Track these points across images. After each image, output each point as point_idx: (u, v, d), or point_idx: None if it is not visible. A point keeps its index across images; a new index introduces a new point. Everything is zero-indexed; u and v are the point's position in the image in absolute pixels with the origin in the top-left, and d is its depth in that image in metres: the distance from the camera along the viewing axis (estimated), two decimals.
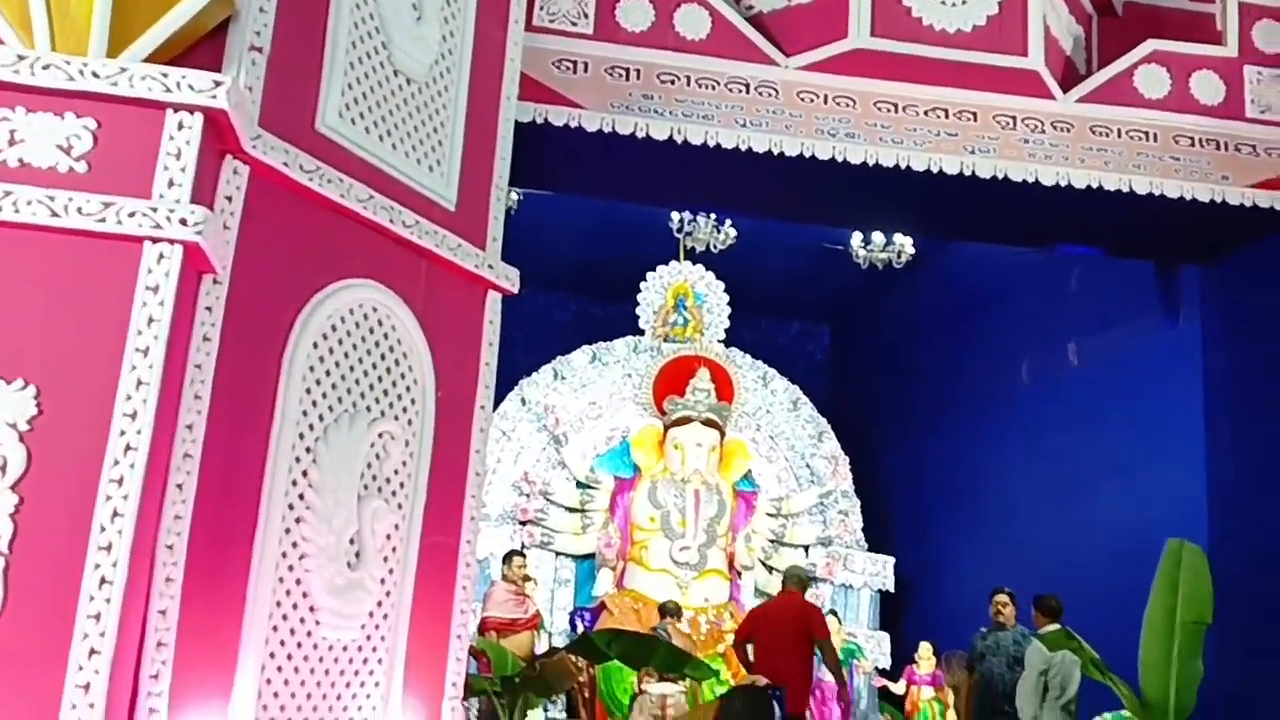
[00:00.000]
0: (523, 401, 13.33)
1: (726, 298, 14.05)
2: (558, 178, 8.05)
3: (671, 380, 13.22)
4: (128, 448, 3.93)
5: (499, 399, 13.25)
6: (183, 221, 4.08)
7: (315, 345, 4.92)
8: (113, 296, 4.03)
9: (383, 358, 5.28)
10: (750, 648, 8.63)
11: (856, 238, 13.02)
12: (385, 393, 5.29)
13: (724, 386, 13.28)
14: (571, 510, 12.96)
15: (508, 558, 9.38)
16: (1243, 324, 7.52)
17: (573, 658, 6.78)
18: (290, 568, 4.74)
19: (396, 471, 5.32)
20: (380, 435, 5.23)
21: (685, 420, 12.94)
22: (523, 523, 12.76)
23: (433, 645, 5.48)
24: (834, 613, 12.23)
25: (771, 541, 13.32)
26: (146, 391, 3.98)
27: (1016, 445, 11.70)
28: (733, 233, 13.09)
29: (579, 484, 13.04)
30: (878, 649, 12.98)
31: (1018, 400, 11.92)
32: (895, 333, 15.24)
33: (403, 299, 5.37)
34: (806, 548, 13.52)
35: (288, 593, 4.72)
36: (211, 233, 4.19)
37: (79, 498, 3.87)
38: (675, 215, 13.11)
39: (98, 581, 3.82)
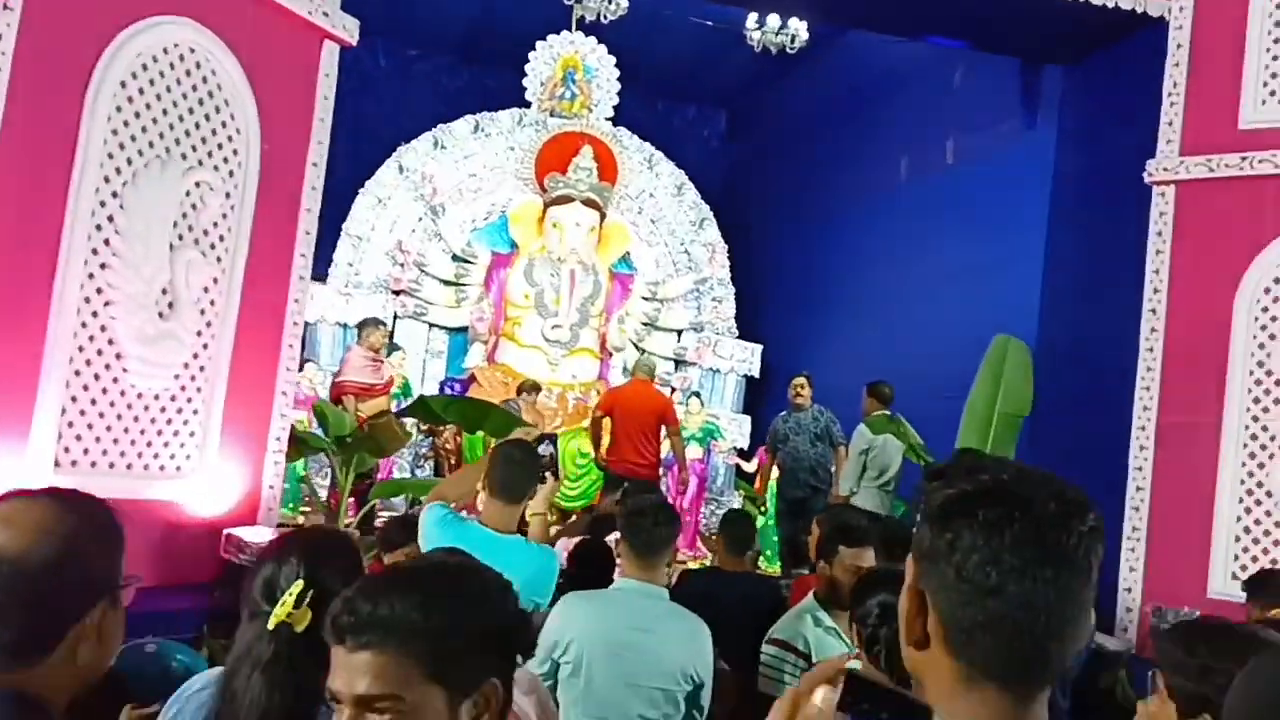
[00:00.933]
0: (400, 169, 12.98)
1: (617, 73, 13.65)
2: None
3: (555, 157, 12.97)
4: None
5: (376, 164, 12.91)
6: None
7: (123, 84, 4.69)
8: None
9: (200, 103, 5.07)
10: (607, 423, 8.96)
11: (751, 19, 12.68)
12: (204, 140, 5.10)
13: (608, 166, 13.09)
14: (446, 283, 12.86)
15: (364, 325, 9.32)
16: (1093, 127, 7.57)
17: (401, 421, 6.86)
18: (95, 313, 4.66)
19: (216, 224, 5.20)
20: (197, 184, 5.08)
21: (566, 199, 12.79)
22: (396, 292, 12.66)
23: (255, 400, 5.50)
24: (697, 394, 12.57)
25: (645, 325, 13.46)
26: None
27: (888, 240, 11.83)
28: (624, 2, 12.62)
29: (455, 257, 12.92)
30: (738, 431, 13.41)
31: (895, 196, 12.00)
32: (787, 122, 15.09)
33: (225, 42, 5.12)
34: (679, 332, 13.71)
35: (91, 338, 4.66)
36: None
37: None
38: None
39: None
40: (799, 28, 12.62)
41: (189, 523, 5.16)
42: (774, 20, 12.67)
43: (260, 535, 5.29)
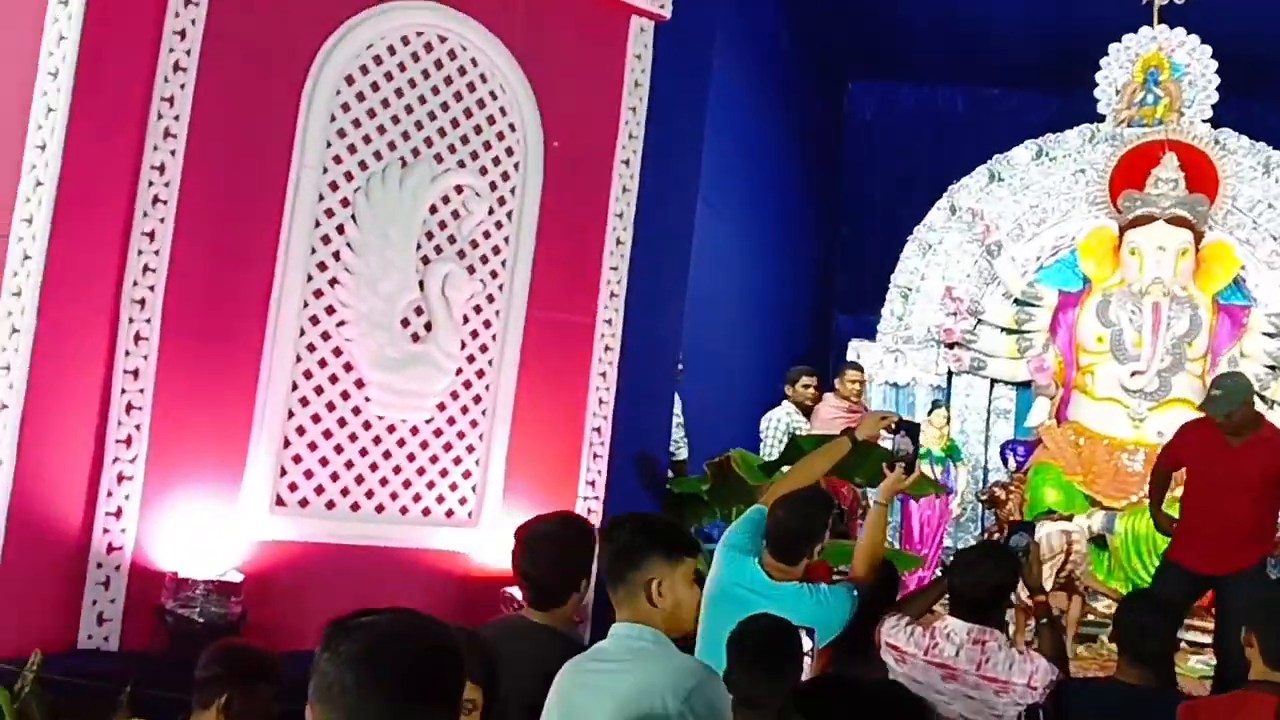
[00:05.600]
0: (952, 210, 11.60)
1: (1215, 65, 11.09)
2: None
3: (1132, 173, 10.78)
4: (37, 183, 3.54)
5: (926, 205, 11.71)
6: None
7: (350, 80, 4.24)
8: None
9: (458, 98, 4.47)
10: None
11: None
12: (463, 140, 4.48)
13: (1202, 176, 10.59)
14: (1007, 331, 11.16)
15: (841, 371, 8.15)
16: None
17: (741, 462, 5.50)
18: (325, 335, 4.18)
19: (488, 234, 4.54)
20: (458, 190, 4.46)
21: (1146, 219, 10.52)
22: (949, 345, 11.25)
23: (557, 438, 4.69)
24: None
25: (1268, 368, 10.54)
26: (54, 120, 3.55)
27: None
28: None
29: (1016, 301, 11.18)
30: None
31: None
32: None
33: (485, 25, 4.49)
34: None
35: (321, 363, 4.18)
36: None
37: None
38: None
39: (8, 331, 3.51)
40: None
41: (466, 575, 4.45)
42: None
43: None
